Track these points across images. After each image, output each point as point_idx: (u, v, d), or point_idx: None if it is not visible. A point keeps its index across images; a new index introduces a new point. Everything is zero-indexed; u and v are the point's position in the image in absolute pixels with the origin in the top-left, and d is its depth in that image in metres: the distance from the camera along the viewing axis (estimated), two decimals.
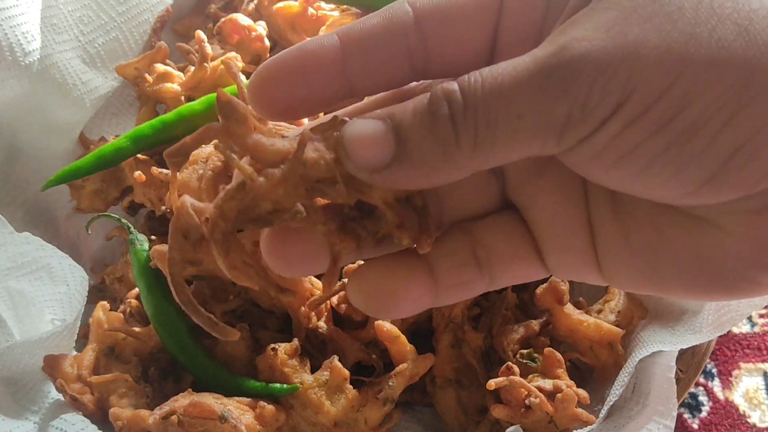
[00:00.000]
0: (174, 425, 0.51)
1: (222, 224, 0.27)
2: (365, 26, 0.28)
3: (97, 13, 0.74)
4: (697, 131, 0.23)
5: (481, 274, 0.30)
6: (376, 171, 0.26)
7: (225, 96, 0.27)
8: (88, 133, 0.77)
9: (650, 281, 0.29)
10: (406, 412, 0.64)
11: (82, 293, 0.62)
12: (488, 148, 0.25)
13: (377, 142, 0.26)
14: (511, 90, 0.24)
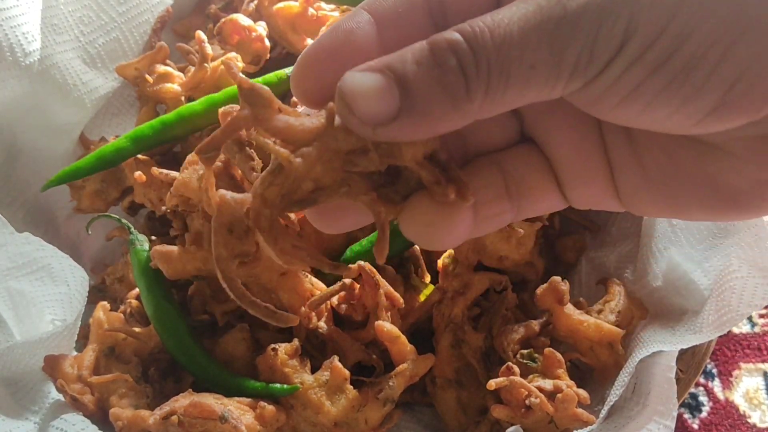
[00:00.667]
0: (174, 425, 0.51)
1: (267, 211, 0.27)
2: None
3: (97, 13, 0.74)
4: (695, 66, 0.24)
5: (511, 206, 0.31)
6: (382, 125, 0.26)
7: (247, 83, 0.27)
8: (89, 133, 0.77)
9: (667, 205, 0.30)
10: (406, 412, 0.64)
11: (83, 293, 0.62)
12: (499, 97, 0.25)
13: (381, 95, 0.25)
14: (522, 40, 0.25)
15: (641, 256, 0.62)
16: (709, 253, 0.58)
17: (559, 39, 0.24)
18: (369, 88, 0.25)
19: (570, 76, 0.25)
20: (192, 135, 0.71)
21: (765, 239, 0.54)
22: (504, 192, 0.31)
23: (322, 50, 0.28)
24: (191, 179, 0.57)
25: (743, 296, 0.54)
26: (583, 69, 0.25)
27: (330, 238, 0.63)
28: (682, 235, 0.59)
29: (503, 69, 0.25)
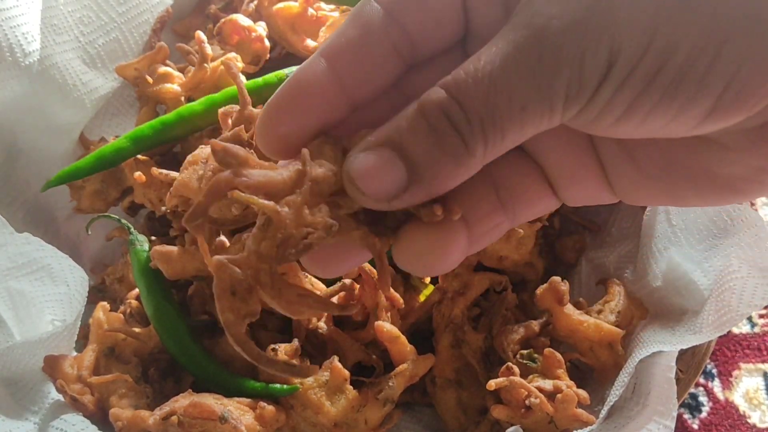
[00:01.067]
0: (174, 426, 0.51)
1: (265, 266, 0.27)
2: (346, 38, 0.28)
3: (97, 13, 0.74)
4: (685, 77, 0.24)
5: (506, 215, 0.31)
6: (396, 198, 0.26)
7: (218, 145, 0.27)
8: (88, 133, 0.77)
9: (664, 196, 0.30)
10: (406, 412, 0.64)
11: (82, 294, 0.62)
12: (499, 144, 0.26)
13: (388, 173, 0.26)
14: (508, 85, 0.25)
15: (641, 256, 0.62)
16: (709, 253, 0.58)
17: (544, 74, 0.24)
18: (375, 168, 0.26)
19: (563, 107, 0.25)
20: (192, 135, 0.71)
21: (765, 239, 0.54)
22: (497, 203, 0.31)
23: (281, 104, 0.29)
24: (191, 179, 0.57)
25: (743, 296, 0.54)
26: (575, 98, 0.25)
27: None
28: (682, 235, 0.59)
29: (495, 119, 0.25)
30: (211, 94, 0.69)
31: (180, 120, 0.68)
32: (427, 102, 0.26)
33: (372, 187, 0.26)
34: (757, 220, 0.55)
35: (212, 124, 0.69)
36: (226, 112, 0.58)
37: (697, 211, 0.59)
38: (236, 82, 0.57)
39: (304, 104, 0.28)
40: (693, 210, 0.59)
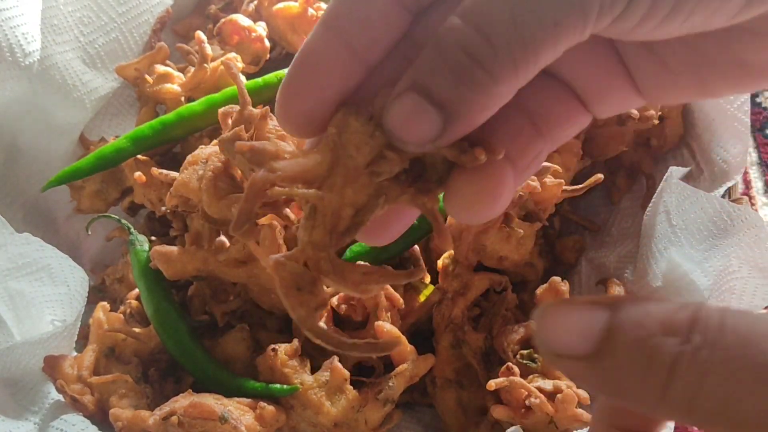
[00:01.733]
0: (174, 426, 0.51)
1: (323, 254, 0.27)
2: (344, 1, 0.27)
3: (97, 13, 0.74)
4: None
5: (544, 141, 0.30)
6: (438, 139, 0.25)
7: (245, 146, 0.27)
8: (88, 133, 0.77)
9: (694, 91, 0.29)
10: (406, 412, 0.64)
11: (82, 294, 0.62)
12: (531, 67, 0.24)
13: (421, 117, 0.25)
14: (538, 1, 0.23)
15: (641, 256, 0.62)
16: (709, 254, 0.58)
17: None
18: (407, 115, 0.25)
19: (597, 16, 0.24)
20: (192, 135, 0.71)
21: (765, 240, 0.54)
22: (534, 131, 0.30)
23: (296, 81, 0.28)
24: (191, 179, 0.57)
25: (743, 297, 0.54)
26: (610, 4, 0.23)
27: None
28: (682, 236, 0.59)
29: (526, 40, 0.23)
30: (211, 94, 0.69)
31: (180, 120, 0.68)
32: (442, 36, 0.24)
33: (411, 134, 0.25)
34: (757, 220, 0.55)
35: (212, 124, 0.69)
36: (226, 112, 0.58)
37: (697, 211, 0.59)
38: (236, 82, 0.57)
39: (318, 76, 0.27)
40: (693, 210, 0.59)
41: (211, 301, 0.63)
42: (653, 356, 0.21)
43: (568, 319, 0.24)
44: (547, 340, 0.24)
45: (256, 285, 0.60)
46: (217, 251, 0.58)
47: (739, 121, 0.62)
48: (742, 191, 0.83)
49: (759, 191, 0.85)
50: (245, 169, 0.54)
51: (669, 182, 0.60)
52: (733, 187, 0.62)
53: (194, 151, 0.59)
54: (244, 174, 0.54)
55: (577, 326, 0.23)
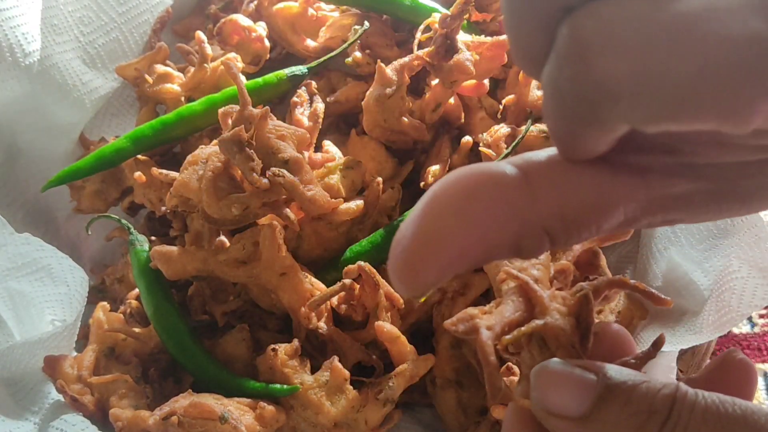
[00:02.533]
0: (174, 426, 0.51)
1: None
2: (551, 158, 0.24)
3: (97, 13, 0.74)
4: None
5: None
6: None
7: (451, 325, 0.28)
8: (88, 133, 0.77)
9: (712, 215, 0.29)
10: (406, 412, 0.64)
11: (82, 294, 0.62)
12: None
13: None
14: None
15: (641, 256, 0.62)
16: (709, 253, 0.58)
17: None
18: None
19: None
20: (192, 135, 0.71)
21: (765, 239, 0.54)
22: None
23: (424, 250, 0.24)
24: (191, 179, 0.57)
25: (743, 296, 0.54)
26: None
27: (329, 238, 0.63)
28: (682, 235, 0.59)
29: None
30: (211, 94, 0.69)
31: (180, 120, 0.68)
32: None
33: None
34: (757, 220, 0.55)
35: (212, 124, 0.69)
36: (226, 112, 0.58)
37: None
38: (236, 82, 0.57)
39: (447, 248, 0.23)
40: None
41: (211, 301, 0.63)
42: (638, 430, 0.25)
43: (562, 381, 0.26)
44: (541, 399, 0.27)
45: (256, 285, 0.60)
46: (217, 251, 0.58)
47: None
48: None
49: None
50: (245, 169, 0.54)
51: None
52: None
53: (194, 151, 0.59)
54: (244, 174, 0.54)
55: (571, 390, 0.26)
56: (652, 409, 0.25)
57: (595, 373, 0.26)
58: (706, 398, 0.25)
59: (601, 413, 0.25)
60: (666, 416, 0.25)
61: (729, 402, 0.25)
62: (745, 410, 0.25)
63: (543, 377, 0.27)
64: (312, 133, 0.64)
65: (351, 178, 0.64)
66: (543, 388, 0.27)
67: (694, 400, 0.25)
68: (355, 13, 0.73)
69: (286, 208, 0.57)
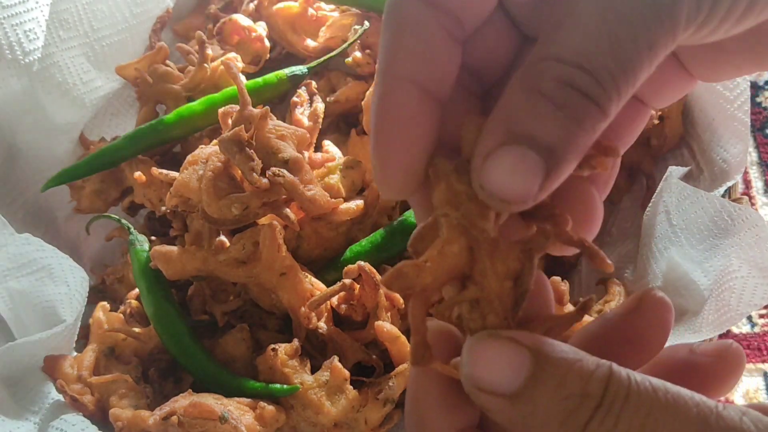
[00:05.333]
0: (174, 426, 0.51)
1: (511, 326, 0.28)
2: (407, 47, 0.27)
3: (111, 10, 0.74)
4: None
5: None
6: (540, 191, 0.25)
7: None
8: (89, 133, 0.77)
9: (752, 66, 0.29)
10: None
11: (83, 294, 0.62)
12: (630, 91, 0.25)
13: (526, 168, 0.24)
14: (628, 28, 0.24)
15: (641, 256, 0.62)
16: (709, 253, 0.58)
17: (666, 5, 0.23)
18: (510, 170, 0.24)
19: (684, 28, 0.24)
20: (192, 135, 0.71)
21: (765, 239, 0.54)
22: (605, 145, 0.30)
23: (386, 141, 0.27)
24: (191, 179, 0.57)
25: (743, 296, 0.54)
26: (695, 15, 0.24)
27: (329, 238, 0.63)
28: (682, 235, 0.59)
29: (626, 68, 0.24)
30: (211, 94, 0.69)
31: (180, 120, 0.68)
32: (543, 79, 0.24)
33: (516, 191, 0.24)
34: (757, 220, 0.55)
35: (212, 124, 0.69)
36: (226, 112, 0.58)
37: (697, 210, 0.59)
38: (236, 82, 0.57)
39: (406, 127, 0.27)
40: (693, 210, 0.59)
41: (211, 301, 0.63)
42: (570, 414, 0.24)
43: (494, 356, 0.25)
44: (471, 373, 0.25)
45: (256, 285, 0.60)
46: (217, 251, 0.58)
47: (739, 120, 0.62)
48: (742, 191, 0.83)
49: (759, 191, 0.85)
50: (245, 169, 0.54)
51: (669, 182, 0.60)
52: (733, 186, 0.62)
53: (194, 151, 0.59)
54: (244, 174, 0.54)
55: (502, 366, 0.25)
56: (585, 392, 0.24)
57: (529, 348, 0.25)
58: (639, 383, 0.24)
59: (533, 392, 0.24)
60: (598, 402, 0.24)
61: (661, 389, 0.24)
62: (677, 398, 0.24)
63: (474, 351, 0.26)
64: (312, 133, 0.64)
65: (351, 178, 0.64)
66: (474, 362, 0.25)
67: (627, 385, 0.24)
68: (355, 13, 0.73)
69: (286, 208, 0.57)
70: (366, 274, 0.57)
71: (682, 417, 0.24)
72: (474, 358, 0.25)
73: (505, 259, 0.27)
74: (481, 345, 0.26)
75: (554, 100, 0.24)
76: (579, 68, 0.24)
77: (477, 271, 0.27)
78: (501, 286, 0.26)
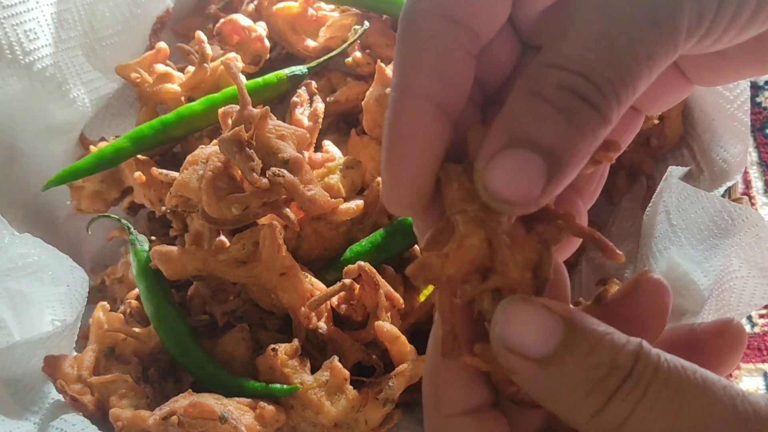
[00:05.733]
0: (174, 426, 0.51)
1: None
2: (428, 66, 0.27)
3: (113, 10, 0.74)
4: None
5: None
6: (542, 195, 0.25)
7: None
8: (89, 133, 0.77)
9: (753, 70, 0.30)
10: (406, 412, 0.64)
11: (82, 294, 0.62)
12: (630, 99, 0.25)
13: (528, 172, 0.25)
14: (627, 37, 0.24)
15: (641, 256, 0.62)
16: (709, 253, 0.58)
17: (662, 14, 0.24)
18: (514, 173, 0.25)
19: (685, 39, 0.24)
20: (192, 135, 0.71)
21: (765, 239, 0.54)
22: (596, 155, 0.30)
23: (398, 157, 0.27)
24: (191, 179, 0.57)
25: (743, 296, 0.54)
26: (696, 27, 0.24)
27: (329, 238, 0.63)
28: (682, 235, 0.59)
29: (624, 77, 0.24)
30: (211, 94, 0.69)
31: (180, 120, 0.68)
32: (544, 85, 0.25)
33: (519, 193, 0.25)
34: (758, 219, 0.55)
35: (212, 124, 0.69)
36: (226, 112, 0.58)
37: (697, 210, 0.59)
38: (236, 82, 0.57)
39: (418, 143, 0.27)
40: (693, 210, 0.59)
41: (211, 301, 0.63)
42: (598, 382, 0.24)
43: (528, 319, 0.26)
44: (503, 333, 0.26)
45: (256, 285, 0.60)
46: (217, 251, 0.58)
47: (739, 120, 0.62)
48: (742, 191, 0.83)
49: (759, 191, 0.85)
50: (245, 169, 0.54)
51: (669, 182, 0.60)
52: (733, 186, 0.62)
53: (194, 151, 0.59)
54: (244, 174, 0.54)
55: (535, 329, 0.25)
56: (615, 363, 0.25)
57: (561, 315, 0.26)
58: (668, 361, 0.25)
59: (563, 358, 0.25)
60: (627, 373, 0.24)
61: (690, 368, 0.25)
62: (705, 379, 0.25)
63: (509, 312, 0.26)
64: (312, 133, 0.64)
65: (351, 178, 0.64)
66: (507, 323, 0.26)
67: (657, 360, 0.25)
68: (355, 13, 0.73)
69: (286, 208, 0.57)
70: (366, 274, 0.57)
71: (710, 395, 0.24)
72: (507, 319, 0.26)
73: (524, 251, 0.27)
74: (516, 307, 0.26)
75: (556, 103, 0.24)
76: (580, 75, 0.24)
77: (498, 262, 0.27)
78: (522, 275, 0.27)
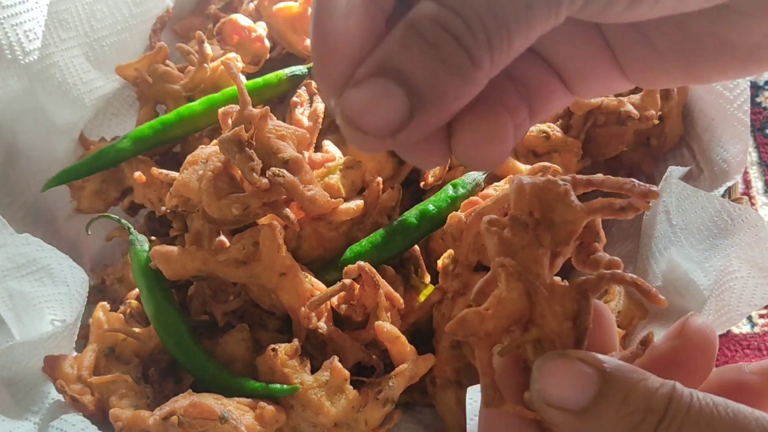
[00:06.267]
0: (174, 426, 0.51)
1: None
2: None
3: (111, 10, 0.74)
4: None
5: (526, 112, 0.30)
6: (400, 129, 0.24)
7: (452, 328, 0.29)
8: (89, 133, 0.77)
9: (683, 76, 0.30)
10: (406, 412, 0.64)
11: (82, 294, 0.62)
12: (505, 51, 0.24)
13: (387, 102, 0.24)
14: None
15: (641, 256, 0.62)
16: (709, 253, 0.58)
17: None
18: (371, 100, 0.24)
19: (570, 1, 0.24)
20: (192, 135, 0.71)
21: (765, 239, 0.54)
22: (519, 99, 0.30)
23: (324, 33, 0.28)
24: (191, 179, 0.57)
25: (743, 296, 0.54)
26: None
27: (329, 238, 0.63)
28: (682, 235, 0.59)
29: (500, 23, 0.23)
30: (211, 94, 0.69)
31: (180, 120, 0.68)
32: (419, 17, 0.24)
33: (372, 122, 0.24)
34: (757, 220, 0.55)
35: (212, 124, 0.69)
36: (226, 112, 0.58)
37: (697, 210, 0.59)
38: (236, 82, 0.57)
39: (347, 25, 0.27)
40: (693, 210, 0.59)
41: (211, 301, 0.63)
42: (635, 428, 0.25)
43: (563, 374, 0.27)
44: (541, 389, 0.27)
45: (256, 285, 0.60)
46: (217, 251, 0.58)
47: (739, 120, 0.62)
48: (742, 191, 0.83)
49: (759, 191, 0.85)
50: (245, 169, 0.54)
51: (669, 182, 0.60)
52: (733, 186, 0.62)
53: (194, 151, 0.59)
54: (244, 174, 0.54)
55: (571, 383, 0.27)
56: (649, 408, 0.25)
57: (594, 368, 0.27)
58: (700, 400, 0.26)
59: (600, 408, 0.26)
60: (661, 416, 0.25)
61: (722, 404, 0.25)
62: (737, 413, 0.25)
63: (545, 369, 0.27)
64: (312, 133, 0.64)
65: (351, 178, 0.64)
66: (544, 379, 0.27)
67: (689, 401, 0.25)
68: None
69: (286, 208, 0.57)
70: (366, 274, 0.57)
71: (741, 429, 0.25)
72: (544, 376, 0.27)
73: (562, 301, 0.29)
74: (551, 363, 0.28)
75: (427, 38, 0.23)
76: (455, 13, 0.23)
77: (536, 314, 0.29)
78: (561, 326, 0.28)
